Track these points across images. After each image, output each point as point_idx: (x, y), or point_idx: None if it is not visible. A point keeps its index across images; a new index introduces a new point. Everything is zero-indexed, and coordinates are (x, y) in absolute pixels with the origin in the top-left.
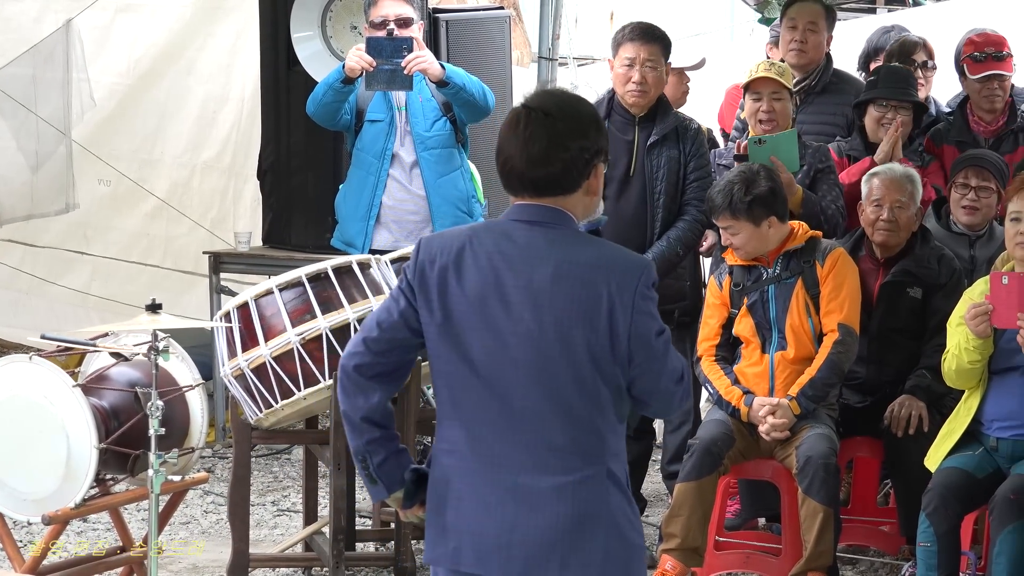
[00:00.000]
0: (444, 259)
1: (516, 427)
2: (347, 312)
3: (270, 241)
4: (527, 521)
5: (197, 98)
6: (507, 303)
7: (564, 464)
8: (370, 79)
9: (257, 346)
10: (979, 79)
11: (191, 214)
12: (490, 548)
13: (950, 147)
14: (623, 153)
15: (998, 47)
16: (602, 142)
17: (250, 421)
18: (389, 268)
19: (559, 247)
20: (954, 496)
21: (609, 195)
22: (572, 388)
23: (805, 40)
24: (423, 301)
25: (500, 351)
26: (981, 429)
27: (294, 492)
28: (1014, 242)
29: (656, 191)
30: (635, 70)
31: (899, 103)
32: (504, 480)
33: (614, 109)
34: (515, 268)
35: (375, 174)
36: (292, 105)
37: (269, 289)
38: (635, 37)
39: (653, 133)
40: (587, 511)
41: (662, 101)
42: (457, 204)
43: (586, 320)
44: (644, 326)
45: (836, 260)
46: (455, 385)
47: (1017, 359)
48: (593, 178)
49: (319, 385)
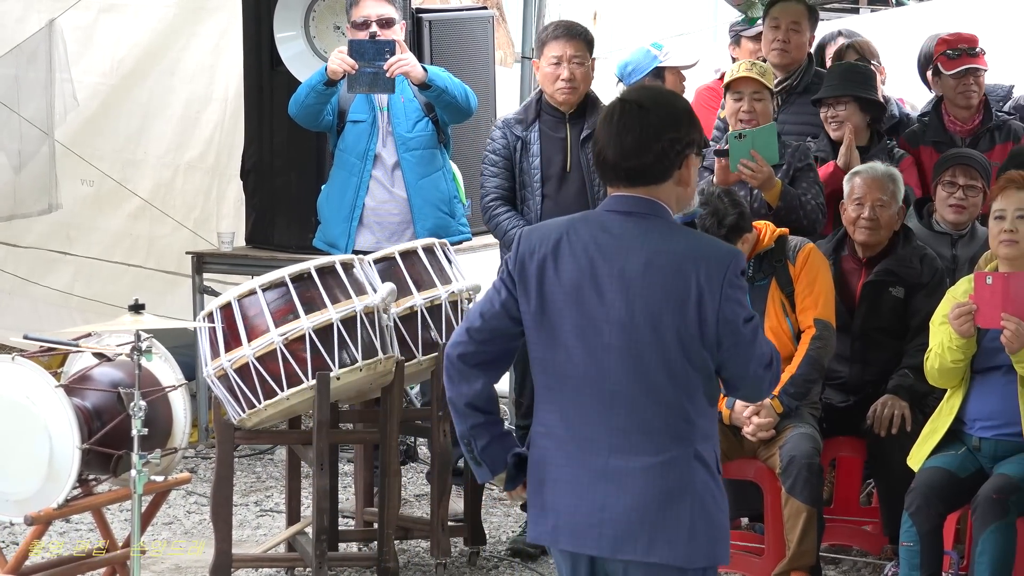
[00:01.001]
0: (543, 250)
1: (608, 410)
2: (330, 312)
3: (253, 241)
4: (616, 501)
5: (180, 98)
6: (600, 291)
7: (653, 445)
8: (352, 82)
9: (240, 346)
10: (955, 74)
11: (174, 214)
12: (583, 527)
13: (927, 148)
14: (557, 150)
15: (971, 44)
16: (694, 134)
17: (233, 421)
18: (372, 268)
19: (652, 237)
20: (937, 496)
21: (548, 193)
22: (662, 372)
23: (788, 40)
24: (522, 291)
25: (594, 337)
26: (963, 429)
27: (277, 492)
28: (998, 240)
29: (595, 184)
30: (562, 67)
31: (835, 100)
32: (596, 461)
33: (543, 109)
34: (609, 257)
35: (357, 175)
36: (275, 105)
37: (252, 289)
38: (560, 35)
39: (585, 127)
40: (673, 490)
41: (590, 96)
42: (439, 205)
43: (676, 307)
44: (732, 313)
45: (807, 256)
46: (550, 371)
47: (1000, 358)
48: (685, 168)
49: (302, 385)
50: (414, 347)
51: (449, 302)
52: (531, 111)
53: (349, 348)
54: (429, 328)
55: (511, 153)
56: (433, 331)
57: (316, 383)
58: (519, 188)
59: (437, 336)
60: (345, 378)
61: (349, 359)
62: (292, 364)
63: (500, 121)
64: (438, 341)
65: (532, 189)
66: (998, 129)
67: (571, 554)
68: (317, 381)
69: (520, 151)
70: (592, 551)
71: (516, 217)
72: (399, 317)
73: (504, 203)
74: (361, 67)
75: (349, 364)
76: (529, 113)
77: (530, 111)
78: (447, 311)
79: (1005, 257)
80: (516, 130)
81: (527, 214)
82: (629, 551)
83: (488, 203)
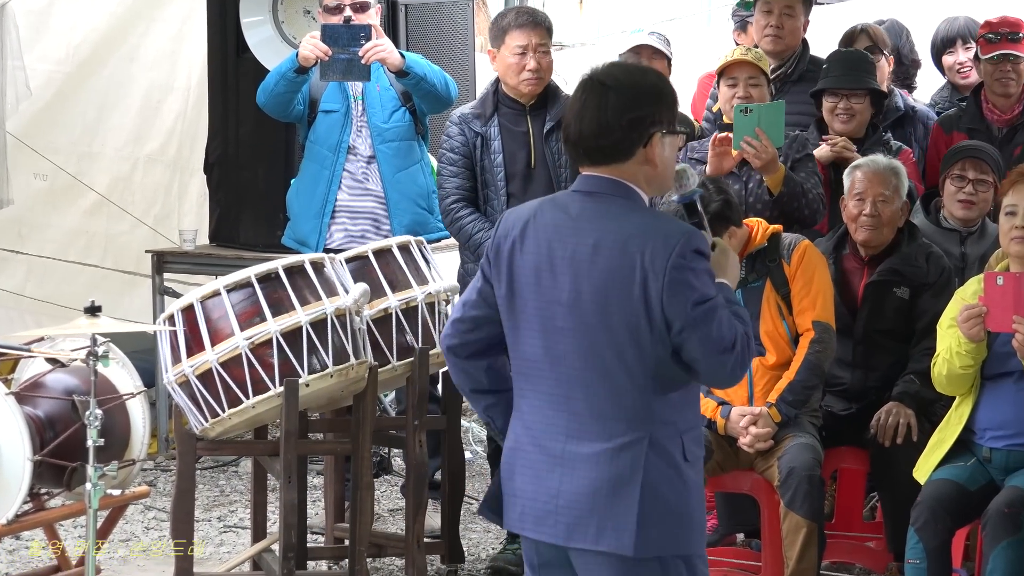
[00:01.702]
0: (514, 233)
1: (565, 395)
2: (299, 315)
3: (217, 239)
4: (569, 487)
5: (140, 87)
6: (555, 273)
7: (606, 431)
8: (325, 69)
9: (203, 351)
10: (991, 59)
11: (133, 210)
12: (542, 513)
13: (960, 134)
14: (520, 145)
15: (1014, 28)
16: (661, 113)
17: (195, 431)
18: (344, 268)
19: (607, 217)
20: (945, 510)
21: (514, 191)
22: (612, 356)
23: (781, 25)
24: (495, 274)
25: (549, 321)
26: (973, 438)
27: (241, 507)
28: (1009, 237)
29: (561, 180)
30: (528, 57)
31: (850, 91)
32: (555, 446)
33: (501, 101)
34: (564, 239)
35: (329, 168)
36: (241, 94)
37: (216, 290)
38: (524, 23)
39: (547, 120)
40: (623, 477)
41: (550, 87)
42: (416, 200)
43: (622, 289)
44: (679, 295)
45: (803, 255)
46: (518, 356)
47: (1012, 364)
48: (650, 147)
49: (269, 393)
50: (388, 352)
51: (426, 304)
52: (488, 104)
53: (319, 353)
54: (404, 331)
55: (470, 151)
56: (408, 335)
57: (284, 390)
58: (481, 188)
59: (413, 340)
60: (315, 385)
61: (319, 365)
62: (258, 370)
63: (455, 116)
64: (414, 345)
65: (496, 188)
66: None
67: (534, 541)
68: (285, 388)
69: (480, 148)
70: (549, 538)
71: (480, 219)
72: (372, 320)
73: (466, 204)
74: (335, 53)
75: (319, 370)
76: (487, 107)
77: (487, 104)
78: (423, 313)
79: (1017, 255)
80: (474, 125)
81: (491, 215)
82: (580, 539)
83: (449, 205)
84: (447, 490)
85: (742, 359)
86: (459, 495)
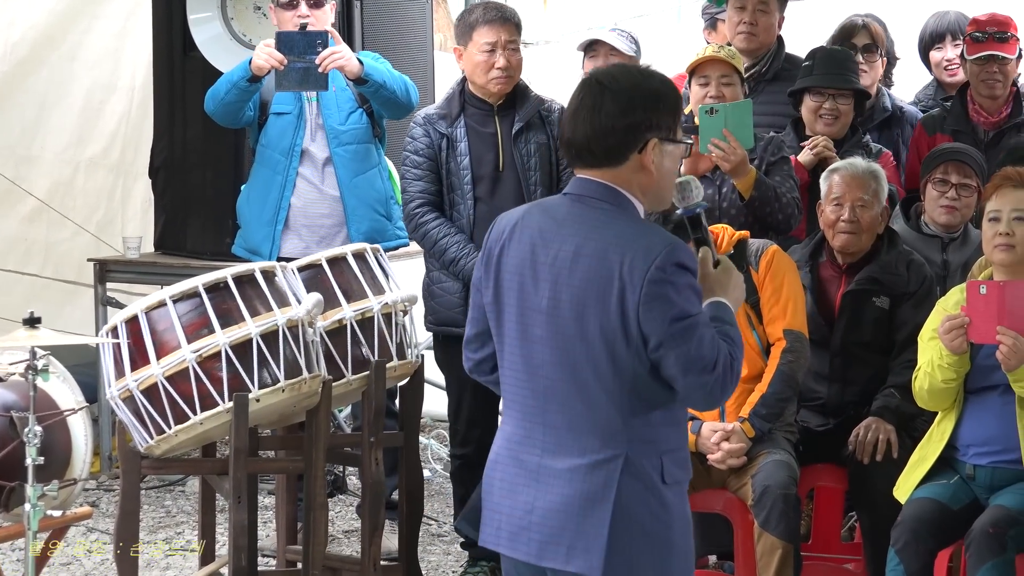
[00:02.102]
0: (504, 237)
1: (542, 407)
2: (249, 326)
3: (163, 247)
4: (542, 503)
5: (82, 87)
6: (536, 279)
7: (581, 446)
8: (280, 78)
9: (148, 365)
10: (976, 59)
11: (74, 217)
12: (516, 530)
13: (944, 136)
14: (488, 147)
15: (1002, 27)
16: (659, 118)
17: (140, 449)
18: (296, 277)
19: (591, 223)
20: (927, 530)
21: (481, 195)
22: (588, 368)
23: (755, 22)
24: (485, 280)
25: (528, 328)
26: (956, 455)
27: (189, 529)
28: (992, 244)
29: (531, 183)
30: (497, 55)
31: (837, 91)
32: (531, 460)
33: (468, 101)
34: (547, 244)
35: (282, 173)
36: (188, 95)
37: (162, 301)
38: (493, 19)
39: (516, 120)
40: (595, 496)
41: (519, 86)
42: (375, 206)
43: (598, 299)
44: (656, 309)
45: (771, 261)
46: (503, 366)
47: (996, 377)
48: (645, 154)
49: (217, 408)
50: (343, 365)
51: (382, 315)
52: (454, 104)
53: (270, 366)
54: (360, 344)
55: (435, 153)
56: (364, 347)
57: (233, 406)
58: (447, 191)
59: (368, 353)
60: (265, 400)
61: (270, 379)
62: (206, 384)
63: (420, 117)
64: (369, 358)
65: (462, 192)
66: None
67: (511, 559)
68: (234, 403)
69: (446, 150)
70: (523, 556)
71: (446, 224)
72: (326, 332)
73: (431, 209)
74: (290, 62)
75: (270, 384)
76: (452, 106)
77: (453, 104)
78: (380, 325)
79: (1000, 263)
80: (439, 126)
81: (458, 220)
82: (551, 558)
83: (413, 210)
84: (405, 510)
85: (723, 381)
86: (417, 515)
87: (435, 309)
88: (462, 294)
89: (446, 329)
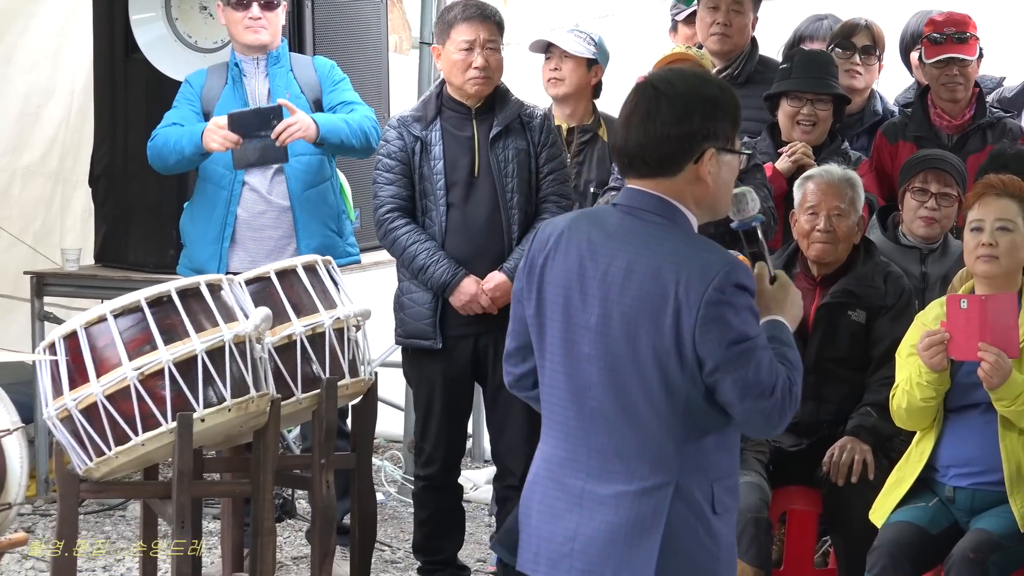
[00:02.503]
0: (548, 246)
1: (588, 429)
2: (194, 342)
3: (103, 259)
4: (586, 530)
5: (17, 91)
6: (585, 294)
7: (629, 472)
8: (238, 157)
9: (87, 383)
10: (935, 63)
11: (10, 227)
12: (558, 556)
13: (907, 143)
14: (464, 152)
15: (960, 27)
16: (716, 125)
17: (78, 471)
18: (244, 290)
19: (644, 238)
20: (904, 555)
21: (454, 201)
22: (639, 391)
23: (729, 23)
24: (527, 291)
25: (575, 346)
26: (935, 477)
27: (129, 556)
28: (974, 256)
29: (507, 190)
30: (475, 54)
31: (816, 96)
32: (574, 485)
33: (445, 104)
34: (596, 258)
35: (227, 188)
36: (131, 99)
37: (102, 315)
38: (471, 16)
39: (494, 124)
40: (643, 523)
41: (500, 89)
42: (327, 221)
43: (651, 318)
44: (713, 331)
45: None
46: (544, 383)
47: (977, 395)
48: (702, 164)
49: (160, 429)
50: (292, 383)
51: (334, 330)
52: (431, 107)
53: (216, 384)
54: (310, 361)
55: (408, 156)
56: (315, 364)
57: (177, 426)
58: (419, 197)
59: (319, 370)
60: (211, 420)
61: (216, 397)
62: (148, 404)
63: (395, 119)
64: (320, 376)
65: (435, 198)
66: (991, 127)
67: None
68: (178, 423)
69: (420, 153)
70: None
71: (416, 231)
72: (275, 348)
73: (402, 214)
74: (245, 141)
75: (216, 403)
76: (429, 109)
77: (430, 107)
78: (331, 341)
79: (983, 276)
80: (414, 129)
81: (429, 227)
82: None
83: (383, 215)
84: (357, 536)
85: (782, 407)
86: (370, 541)
87: (404, 321)
88: (431, 305)
89: (415, 342)
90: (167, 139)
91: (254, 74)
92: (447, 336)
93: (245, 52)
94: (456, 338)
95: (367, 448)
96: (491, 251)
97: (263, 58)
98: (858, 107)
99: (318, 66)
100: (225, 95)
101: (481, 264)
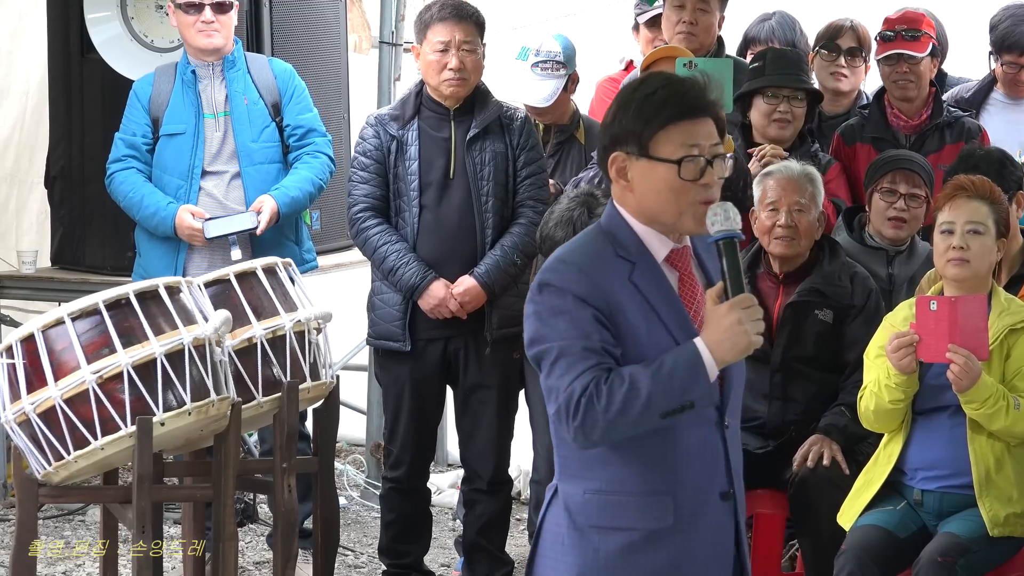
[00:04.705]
0: None
1: None
2: (153, 345)
3: (60, 261)
4: None
5: None
6: None
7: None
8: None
9: (45, 387)
10: (884, 59)
11: None
12: None
13: (864, 145)
14: (439, 153)
15: (913, 25)
16: (621, 126)
17: (37, 476)
18: (203, 293)
19: None
20: (872, 559)
21: (427, 203)
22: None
23: (695, 22)
24: None
25: None
26: (904, 480)
27: (90, 561)
28: (945, 259)
29: (483, 193)
30: (451, 55)
31: (792, 91)
32: None
33: (423, 104)
34: None
35: (183, 198)
36: (87, 99)
37: (60, 318)
38: (447, 16)
39: (472, 126)
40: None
41: (480, 89)
42: (283, 230)
43: None
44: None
45: None
46: None
47: (946, 398)
48: (614, 170)
49: (120, 433)
50: (253, 386)
51: (294, 332)
52: (409, 106)
53: (176, 388)
54: (271, 364)
55: (384, 156)
56: (276, 367)
57: (136, 430)
58: (393, 197)
59: (280, 373)
60: (171, 424)
61: (176, 401)
62: (107, 407)
63: (372, 117)
64: (281, 379)
65: (408, 199)
66: (949, 127)
67: None
68: (137, 428)
69: (395, 153)
70: None
71: (388, 231)
72: (235, 351)
73: (375, 214)
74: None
75: (176, 407)
76: (407, 108)
77: (408, 106)
78: (292, 343)
79: (953, 278)
80: (391, 128)
81: (402, 227)
82: None
83: (356, 214)
84: (319, 540)
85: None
86: (333, 545)
87: (375, 322)
88: (401, 307)
89: (384, 343)
90: (130, 197)
91: (210, 79)
92: (416, 339)
93: (198, 56)
94: (426, 341)
95: (329, 451)
96: (463, 254)
97: (218, 63)
98: (844, 108)
99: (276, 70)
100: (175, 99)
101: (452, 267)
